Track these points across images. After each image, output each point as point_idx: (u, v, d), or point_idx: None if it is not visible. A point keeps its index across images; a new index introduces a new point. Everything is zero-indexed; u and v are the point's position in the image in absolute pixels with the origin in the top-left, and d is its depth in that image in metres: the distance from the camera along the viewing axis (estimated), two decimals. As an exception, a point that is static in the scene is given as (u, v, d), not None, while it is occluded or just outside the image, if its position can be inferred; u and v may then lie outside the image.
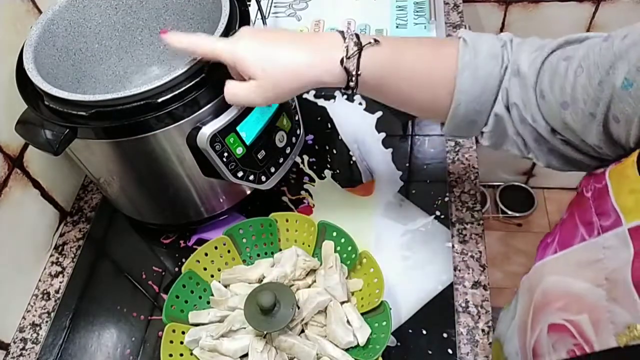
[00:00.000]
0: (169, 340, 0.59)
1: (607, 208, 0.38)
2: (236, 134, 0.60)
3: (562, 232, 0.45)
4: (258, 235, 0.67)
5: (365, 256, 0.62)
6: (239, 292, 0.63)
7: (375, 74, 0.50)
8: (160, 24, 0.74)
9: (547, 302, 0.44)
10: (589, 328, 0.38)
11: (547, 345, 0.44)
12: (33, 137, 0.57)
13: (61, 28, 0.65)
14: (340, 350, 0.57)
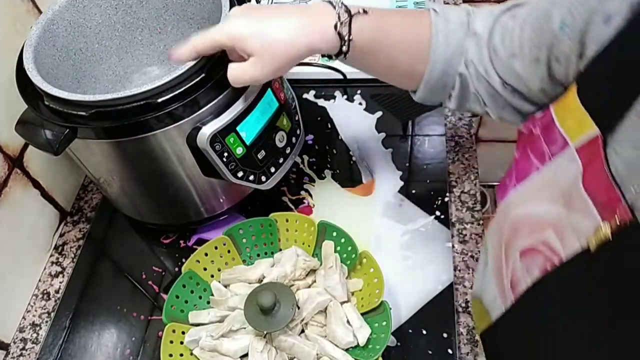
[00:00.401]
0: (169, 340, 0.59)
1: (555, 136, 0.43)
2: (236, 134, 0.60)
3: (518, 169, 0.49)
4: (258, 235, 0.67)
5: (365, 256, 0.62)
6: (239, 292, 0.63)
7: (365, 39, 0.54)
8: (160, 24, 0.74)
9: (515, 232, 0.47)
10: (554, 240, 0.41)
11: (521, 272, 0.46)
12: (33, 137, 0.57)
13: (61, 28, 0.65)
14: (340, 351, 0.57)
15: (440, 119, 0.82)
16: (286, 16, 0.53)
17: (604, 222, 0.36)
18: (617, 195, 0.35)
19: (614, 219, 0.35)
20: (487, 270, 0.55)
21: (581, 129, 0.39)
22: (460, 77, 0.57)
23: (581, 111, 0.39)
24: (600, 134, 0.37)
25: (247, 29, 0.51)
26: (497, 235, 0.51)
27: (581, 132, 0.39)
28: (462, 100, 0.60)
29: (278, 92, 0.66)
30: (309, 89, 0.88)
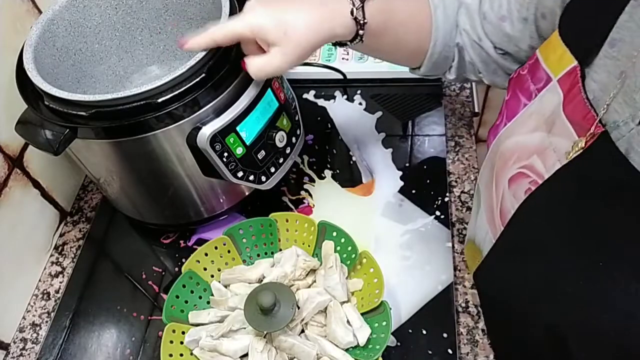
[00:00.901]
0: (169, 340, 0.58)
1: (540, 74, 0.47)
2: (236, 134, 0.60)
3: (508, 109, 0.52)
4: (258, 236, 0.67)
5: (365, 256, 0.62)
6: (239, 292, 0.63)
7: (377, 22, 0.56)
8: (160, 24, 0.74)
9: (504, 162, 0.50)
10: (539, 164, 0.45)
11: (509, 199, 0.48)
12: (33, 137, 0.57)
13: (61, 28, 0.65)
14: (341, 351, 0.57)
15: (440, 119, 0.82)
16: (304, 4, 0.53)
17: (580, 138, 0.40)
18: (592, 115, 0.40)
19: (589, 134, 0.39)
20: (479, 212, 0.57)
21: (562, 63, 0.44)
22: (457, 46, 0.61)
23: (562, 47, 0.44)
24: (579, 65, 0.42)
25: (268, 18, 0.51)
26: (488, 172, 0.54)
27: (562, 66, 0.44)
28: (460, 70, 0.64)
29: (278, 92, 0.66)
30: (309, 89, 0.88)
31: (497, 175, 0.51)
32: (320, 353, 0.57)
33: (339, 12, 0.54)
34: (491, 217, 0.52)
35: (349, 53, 0.89)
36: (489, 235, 0.53)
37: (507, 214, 0.48)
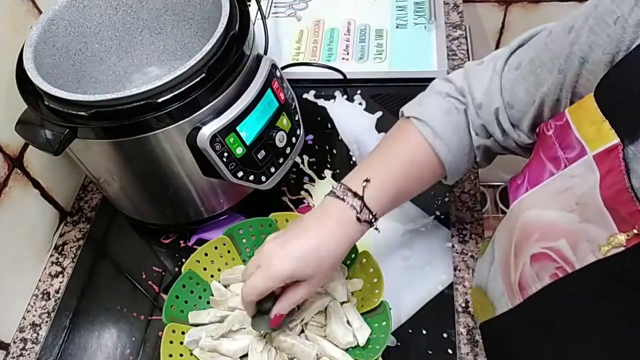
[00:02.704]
0: (168, 340, 0.58)
1: (571, 141, 0.42)
2: (236, 134, 0.60)
3: (531, 172, 0.49)
4: (258, 236, 0.67)
5: (365, 256, 0.62)
6: (239, 292, 0.62)
7: (384, 203, 0.55)
8: (160, 24, 0.74)
9: (526, 236, 0.47)
10: (567, 250, 0.41)
11: (531, 276, 0.46)
12: (33, 137, 0.57)
13: (61, 28, 0.65)
14: (340, 351, 0.57)
15: (440, 119, 0.82)
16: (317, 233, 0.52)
17: (621, 233, 0.36)
18: (637, 209, 0.35)
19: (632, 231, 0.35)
20: (494, 266, 0.55)
21: (600, 136, 0.38)
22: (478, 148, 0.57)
23: (599, 117, 0.38)
24: (621, 143, 0.36)
25: (293, 266, 0.51)
26: (507, 234, 0.52)
27: (600, 141, 0.38)
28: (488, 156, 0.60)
29: (278, 92, 0.66)
30: (309, 89, 0.88)
31: (517, 245, 0.48)
32: (320, 353, 0.57)
33: (351, 225, 0.53)
34: (507, 282, 0.51)
35: (349, 53, 0.89)
36: (505, 297, 0.52)
37: (527, 288, 0.47)
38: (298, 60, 0.89)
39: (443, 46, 0.87)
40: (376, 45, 0.89)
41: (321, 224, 0.53)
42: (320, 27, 0.94)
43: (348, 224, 0.53)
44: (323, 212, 0.54)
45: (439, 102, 0.57)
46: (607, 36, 0.40)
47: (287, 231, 0.54)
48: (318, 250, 0.51)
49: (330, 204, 0.54)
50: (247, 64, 0.61)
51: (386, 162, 0.56)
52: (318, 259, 0.51)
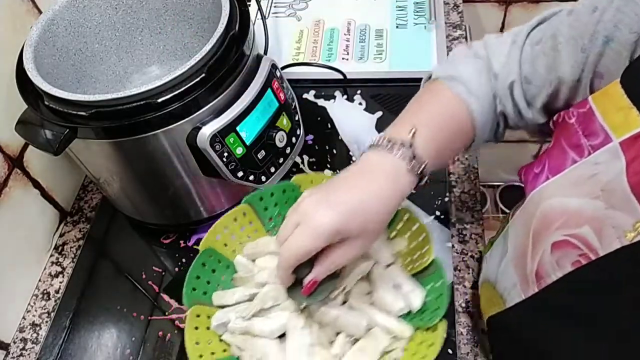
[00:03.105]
0: (193, 326, 0.52)
1: (595, 128, 0.41)
2: (236, 134, 0.60)
3: (551, 160, 0.47)
4: (281, 204, 0.60)
5: (407, 213, 0.56)
6: (267, 266, 0.57)
7: (433, 154, 0.50)
8: (160, 24, 0.74)
9: (547, 224, 0.46)
10: (592, 237, 0.40)
11: (550, 264, 0.45)
12: (33, 137, 0.57)
13: (61, 28, 0.65)
14: (393, 319, 0.51)
15: (440, 119, 0.82)
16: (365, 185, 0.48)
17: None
18: None
19: None
20: (505, 259, 0.54)
21: (627, 123, 0.38)
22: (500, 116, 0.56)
23: (626, 103, 0.38)
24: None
25: (340, 220, 0.45)
26: (523, 224, 0.51)
27: (627, 127, 0.38)
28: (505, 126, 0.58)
29: (278, 92, 0.66)
30: (309, 89, 0.88)
31: (536, 234, 0.48)
32: (369, 324, 0.50)
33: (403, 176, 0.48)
34: (522, 272, 0.50)
35: (349, 53, 0.89)
36: (517, 289, 0.51)
37: (546, 277, 0.46)
38: (298, 60, 0.89)
39: (443, 46, 0.87)
40: (376, 45, 0.89)
41: (367, 178, 0.48)
42: (320, 27, 0.94)
43: (398, 177, 0.48)
44: (366, 166, 0.49)
45: (470, 62, 0.55)
46: (635, 14, 0.40)
47: (326, 187, 0.49)
48: (365, 204, 0.46)
49: (374, 157, 0.49)
50: (247, 64, 0.61)
51: (426, 115, 0.52)
52: (365, 215, 0.46)
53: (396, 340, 0.51)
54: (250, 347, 0.51)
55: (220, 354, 0.52)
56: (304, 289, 0.47)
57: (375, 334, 0.50)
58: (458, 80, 0.53)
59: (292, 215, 0.48)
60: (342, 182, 0.49)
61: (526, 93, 0.51)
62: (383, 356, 0.50)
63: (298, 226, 0.46)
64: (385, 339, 0.50)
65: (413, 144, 0.49)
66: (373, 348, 0.50)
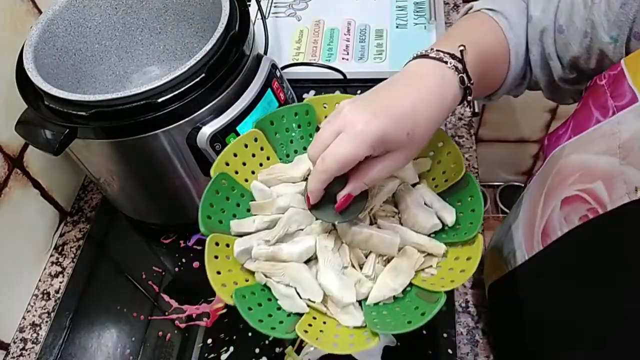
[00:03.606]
0: (213, 255, 0.49)
1: (623, 90, 0.40)
2: (236, 134, 0.60)
3: (575, 121, 0.46)
4: (294, 127, 0.57)
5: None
6: (283, 192, 0.54)
7: (477, 74, 0.48)
8: (161, 24, 0.74)
9: (561, 179, 0.45)
10: (602, 192, 0.40)
11: (558, 220, 0.44)
12: (33, 137, 0.57)
13: (61, 28, 0.65)
14: (426, 236, 0.49)
15: (440, 119, 0.82)
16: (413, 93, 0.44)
17: None
18: None
19: None
20: (516, 222, 0.53)
21: None
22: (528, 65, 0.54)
23: None
24: None
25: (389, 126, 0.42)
26: (539, 183, 0.50)
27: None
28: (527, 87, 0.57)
29: (278, 92, 0.66)
30: (309, 89, 0.88)
31: (550, 190, 0.47)
32: (401, 243, 0.48)
33: (452, 88, 0.46)
34: (529, 232, 0.49)
35: (349, 53, 0.89)
36: (521, 249, 0.50)
37: (552, 234, 0.45)
38: (298, 60, 0.89)
39: (443, 46, 0.87)
40: (376, 45, 0.89)
41: (415, 84, 0.45)
42: (320, 27, 0.94)
43: (449, 86, 0.45)
44: (413, 73, 0.46)
45: (514, 0, 0.53)
46: None
47: (369, 94, 0.45)
48: (414, 110, 0.43)
49: (423, 65, 0.46)
50: (247, 64, 0.61)
51: (470, 39, 0.49)
52: (414, 122, 0.43)
53: (430, 257, 0.49)
54: (278, 273, 0.49)
55: (243, 283, 0.49)
56: (337, 204, 0.45)
57: (409, 252, 0.49)
58: (502, 14, 0.51)
59: (331, 123, 0.43)
60: (388, 89, 0.45)
61: (557, 42, 0.49)
62: (417, 273, 0.49)
63: (340, 134, 0.42)
64: (419, 257, 0.49)
65: (463, 59, 0.46)
66: (407, 266, 0.48)
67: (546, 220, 0.47)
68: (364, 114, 0.42)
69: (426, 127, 0.44)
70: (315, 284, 0.48)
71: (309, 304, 0.48)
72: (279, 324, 0.47)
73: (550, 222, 0.46)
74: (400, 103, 0.43)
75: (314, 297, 0.48)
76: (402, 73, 0.47)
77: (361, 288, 0.48)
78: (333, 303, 0.48)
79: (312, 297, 0.48)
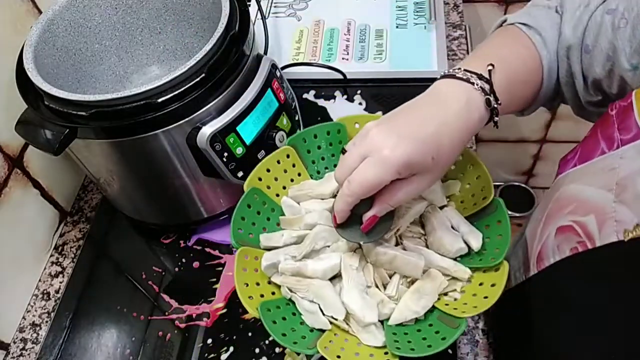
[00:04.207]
0: (242, 267, 0.50)
1: (630, 123, 0.40)
2: (236, 134, 0.60)
3: (583, 149, 0.46)
4: (325, 146, 0.59)
5: (463, 153, 0.54)
6: (312, 209, 0.55)
7: (506, 94, 0.48)
8: (161, 24, 0.74)
9: (559, 207, 0.45)
10: (593, 227, 0.40)
11: (552, 247, 0.45)
12: (33, 137, 0.57)
13: (61, 28, 0.65)
14: (451, 260, 0.50)
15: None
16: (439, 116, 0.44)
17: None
18: None
19: None
20: (520, 241, 0.54)
21: None
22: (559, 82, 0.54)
23: None
24: None
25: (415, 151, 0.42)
26: (543, 206, 0.51)
27: None
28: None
29: (278, 92, 0.66)
30: (309, 89, 0.88)
31: (549, 216, 0.48)
32: (426, 265, 0.49)
33: (477, 110, 0.45)
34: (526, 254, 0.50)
35: (349, 53, 0.89)
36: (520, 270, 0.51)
37: (546, 259, 0.46)
38: (298, 60, 0.89)
39: (443, 46, 0.87)
40: (376, 45, 0.89)
41: (442, 108, 0.45)
42: (320, 27, 0.94)
43: (475, 108, 0.45)
44: (440, 95, 0.46)
45: (549, 14, 0.52)
46: None
47: (395, 116, 0.45)
48: (439, 134, 0.43)
49: (449, 87, 0.46)
50: (247, 64, 0.61)
51: (501, 57, 0.49)
52: (439, 147, 0.43)
53: (454, 281, 0.50)
54: (303, 289, 0.50)
55: (269, 296, 0.51)
56: (363, 225, 0.46)
57: (433, 275, 0.49)
58: (535, 30, 0.51)
59: (358, 146, 0.44)
60: (413, 111, 0.45)
61: (583, 61, 0.49)
62: (441, 297, 0.49)
63: (366, 158, 0.43)
64: (443, 280, 0.49)
65: (491, 79, 0.46)
66: (431, 289, 0.49)
67: (541, 246, 0.47)
68: (390, 139, 0.42)
69: (451, 149, 0.44)
70: (339, 301, 0.49)
71: (332, 321, 0.49)
72: (301, 338, 0.47)
73: (545, 247, 0.46)
74: (425, 127, 0.43)
75: (337, 314, 0.49)
76: (429, 93, 0.47)
77: (383, 308, 0.49)
78: (355, 321, 0.49)
79: (334, 314, 0.49)
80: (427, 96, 0.47)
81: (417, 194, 0.46)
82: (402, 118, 0.45)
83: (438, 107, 0.45)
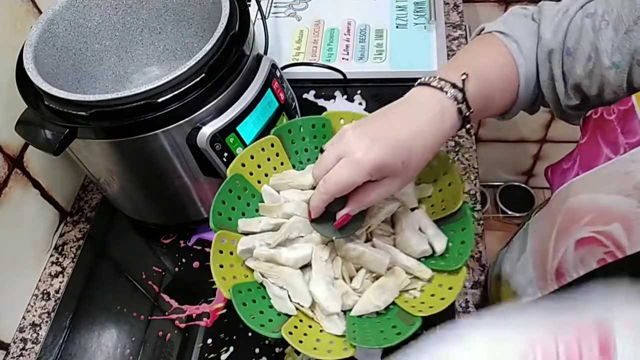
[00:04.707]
0: (218, 249, 0.52)
1: (633, 126, 0.40)
2: (236, 134, 0.60)
3: (583, 156, 0.46)
4: (309, 137, 0.60)
5: (436, 158, 0.55)
6: (291, 198, 0.57)
7: (479, 102, 0.49)
8: (161, 24, 0.74)
9: (574, 220, 0.45)
10: (621, 235, 0.40)
11: (573, 262, 0.45)
12: (33, 137, 0.57)
13: (61, 28, 0.65)
14: (415, 260, 0.52)
15: (440, 119, 0.82)
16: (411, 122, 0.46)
17: None
18: None
19: None
20: (523, 257, 0.54)
21: None
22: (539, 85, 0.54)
23: None
24: None
25: (386, 154, 0.44)
26: (548, 220, 0.50)
27: None
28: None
29: (278, 92, 0.66)
30: (309, 89, 0.88)
31: (562, 230, 0.47)
32: (391, 263, 0.51)
33: (449, 117, 0.47)
34: (541, 269, 0.49)
35: (349, 53, 0.89)
36: (533, 286, 0.51)
37: (566, 274, 0.45)
38: (298, 60, 0.89)
39: (443, 46, 0.87)
40: (376, 45, 0.89)
41: (415, 115, 0.47)
42: (320, 27, 0.94)
43: (447, 116, 0.47)
44: (414, 101, 0.48)
45: (525, 22, 0.53)
46: None
47: (371, 120, 0.48)
48: (412, 141, 0.45)
49: (424, 95, 0.48)
50: (247, 64, 0.62)
51: (477, 65, 0.50)
52: (410, 152, 0.45)
53: (416, 280, 0.52)
54: (274, 275, 0.53)
55: (242, 278, 0.53)
56: (336, 222, 0.48)
57: (397, 273, 0.52)
58: (512, 38, 0.52)
59: (335, 147, 0.47)
60: (389, 116, 0.48)
61: (565, 64, 0.50)
62: (401, 294, 0.52)
63: (341, 159, 0.45)
64: (406, 278, 0.52)
65: (464, 88, 0.47)
66: (393, 285, 0.51)
67: (559, 262, 0.47)
68: (363, 142, 0.45)
69: (422, 155, 0.47)
70: (306, 290, 0.51)
71: (298, 308, 0.52)
72: (268, 321, 0.50)
73: (564, 262, 0.46)
74: (398, 133, 0.45)
75: (303, 302, 0.51)
76: (405, 99, 0.49)
77: (347, 300, 0.51)
78: (319, 310, 0.51)
79: (301, 301, 0.51)
80: (403, 103, 0.49)
81: (388, 195, 0.48)
82: (377, 122, 0.47)
83: (412, 114, 0.47)
